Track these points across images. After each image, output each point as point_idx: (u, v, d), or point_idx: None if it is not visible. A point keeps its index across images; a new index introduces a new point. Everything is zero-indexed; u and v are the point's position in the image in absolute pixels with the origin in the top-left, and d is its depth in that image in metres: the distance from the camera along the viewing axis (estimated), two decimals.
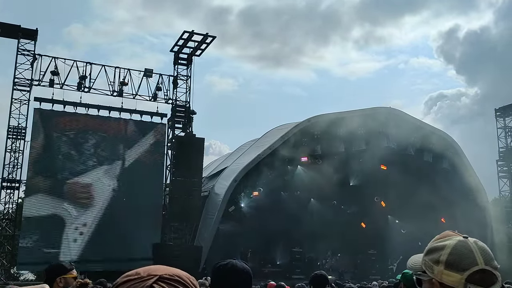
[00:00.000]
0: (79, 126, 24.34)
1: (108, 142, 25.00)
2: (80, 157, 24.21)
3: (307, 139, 28.18)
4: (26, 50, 23.65)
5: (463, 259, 1.49)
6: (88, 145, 24.49)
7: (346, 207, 31.14)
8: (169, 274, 1.21)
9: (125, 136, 25.37)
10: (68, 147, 24.09)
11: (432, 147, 30.57)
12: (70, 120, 24.23)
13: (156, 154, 25.51)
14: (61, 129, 23.94)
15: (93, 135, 24.61)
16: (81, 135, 24.40)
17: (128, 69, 25.17)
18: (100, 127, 24.84)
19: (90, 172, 24.24)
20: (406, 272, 5.29)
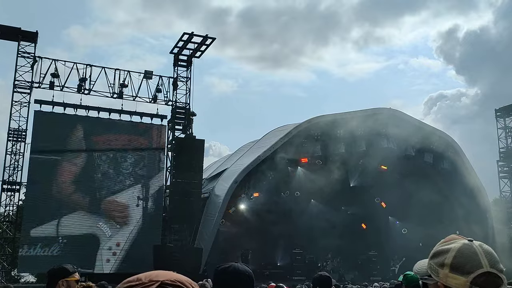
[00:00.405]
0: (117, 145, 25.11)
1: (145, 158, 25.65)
2: (117, 176, 24.73)
3: (307, 140, 28.18)
4: (26, 53, 23.67)
5: (468, 262, 1.48)
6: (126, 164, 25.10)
7: (347, 208, 31.13)
8: (171, 280, 1.20)
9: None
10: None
11: (432, 148, 30.57)
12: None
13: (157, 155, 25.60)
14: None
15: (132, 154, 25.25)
16: (120, 153, 25.07)
17: (128, 71, 25.20)
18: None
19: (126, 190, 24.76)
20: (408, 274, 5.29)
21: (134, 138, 25.38)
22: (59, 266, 3.81)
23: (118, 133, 25.10)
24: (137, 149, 25.34)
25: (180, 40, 25.52)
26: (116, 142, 25.01)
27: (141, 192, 24.98)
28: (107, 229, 23.67)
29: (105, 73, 24.68)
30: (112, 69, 25.04)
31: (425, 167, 30.22)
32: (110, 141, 24.88)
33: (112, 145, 24.92)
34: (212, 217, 24.75)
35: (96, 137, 24.55)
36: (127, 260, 23.32)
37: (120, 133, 25.11)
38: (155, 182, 25.33)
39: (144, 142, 25.53)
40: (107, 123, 24.95)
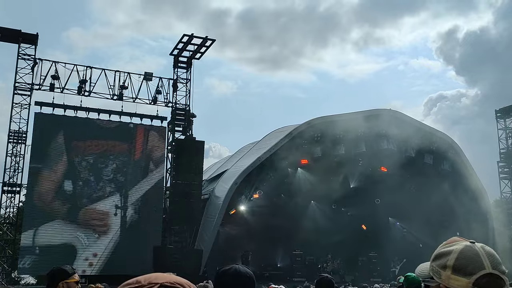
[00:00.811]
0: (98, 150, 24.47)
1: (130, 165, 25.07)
2: (97, 183, 24.18)
3: (307, 142, 28.16)
4: (27, 55, 23.70)
5: (470, 263, 1.48)
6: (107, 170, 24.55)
7: (347, 209, 31.15)
8: (170, 282, 1.20)
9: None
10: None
11: (432, 149, 30.56)
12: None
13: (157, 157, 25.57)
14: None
15: (114, 160, 24.65)
16: (102, 159, 24.43)
17: (128, 73, 25.22)
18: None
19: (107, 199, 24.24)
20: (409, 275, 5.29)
21: (117, 144, 24.74)
22: (59, 268, 3.82)
23: (100, 138, 24.50)
24: (120, 154, 24.72)
25: (180, 41, 25.53)
26: (97, 147, 24.36)
27: (119, 201, 24.30)
28: (84, 238, 23.07)
29: (105, 75, 24.73)
30: (112, 71, 25.07)
31: (425, 168, 30.20)
32: (91, 146, 24.28)
33: (93, 150, 24.28)
34: (212, 218, 24.74)
35: (77, 142, 23.97)
36: (105, 270, 22.72)
37: (102, 138, 24.52)
38: (137, 190, 24.68)
39: (129, 147, 24.94)
40: (89, 127, 24.28)
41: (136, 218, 24.43)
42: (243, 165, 26.75)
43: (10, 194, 23.12)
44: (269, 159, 26.40)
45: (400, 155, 29.24)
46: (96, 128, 24.51)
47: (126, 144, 24.95)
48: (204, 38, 25.36)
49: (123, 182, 24.63)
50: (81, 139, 24.05)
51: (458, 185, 29.63)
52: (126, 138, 25.03)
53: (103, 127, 24.60)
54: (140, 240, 23.70)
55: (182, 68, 26.54)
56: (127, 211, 24.35)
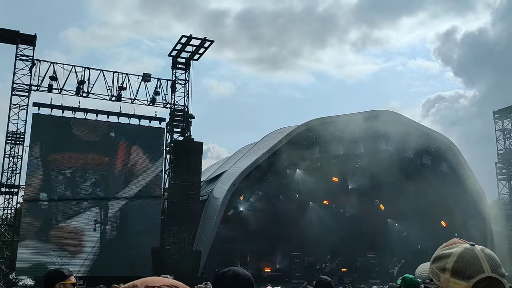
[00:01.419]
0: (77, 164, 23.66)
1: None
2: (73, 198, 23.31)
3: (306, 143, 28.18)
4: (25, 56, 23.67)
5: (469, 266, 1.46)
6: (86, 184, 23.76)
7: (345, 210, 31.13)
8: (167, 285, 1.20)
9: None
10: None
11: (430, 150, 30.59)
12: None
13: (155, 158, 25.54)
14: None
15: (93, 173, 23.92)
16: (80, 173, 23.64)
17: (126, 74, 25.20)
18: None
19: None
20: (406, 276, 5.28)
21: (97, 157, 24.05)
22: (56, 270, 3.82)
23: (79, 152, 23.81)
24: (99, 168, 24.00)
25: (178, 42, 25.53)
26: (76, 161, 23.66)
27: (99, 215, 23.56)
28: (57, 258, 22.08)
29: (103, 76, 24.71)
30: (111, 72, 25.05)
31: (423, 169, 30.24)
32: (70, 159, 23.54)
33: (72, 164, 23.49)
34: (210, 219, 24.72)
35: (54, 155, 23.26)
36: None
37: (81, 151, 23.85)
38: (115, 204, 24.01)
39: (110, 161, 24.31)
40: (69, 140, 23.60)
41: (115, 234, 23.65)
42: (241, 166, 26.74)
43: (8, 196, 23.08)
44: (267, 160, 26.39)
45: (399, 156, 29.28)
46: (76, 141, 23.82)
47: (107, 158, 24.31)
48: (202, 39, 25.36)
49: (102, 196, 23.85)
50: (59, 152, 23.37)
51: (456, 186, 29.66)
52: (107, 152, 24.38)
53: (83, 141, 23.91)
54: (119, 255, 22.95)
55: (181, 69, 26.53)
56: (106, 225, 23.59)
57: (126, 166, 24.78)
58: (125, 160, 24.82)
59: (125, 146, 24.93)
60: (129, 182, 24.62)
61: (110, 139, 24.70)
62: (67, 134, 23.72)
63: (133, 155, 24.98)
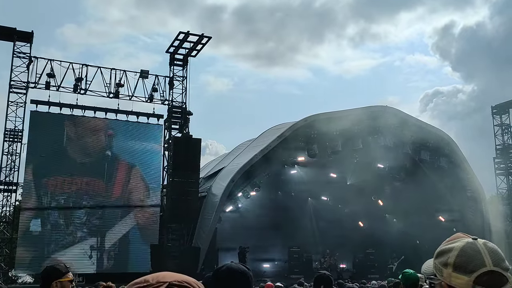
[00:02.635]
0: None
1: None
2: (67, 227, 22.47)
3: (304, 139, 28.18)
4: (22, 53, 23.60)
5: (471, 261, 1.47)
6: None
7: (344, 206, 31.19)
8: (178, 281, 1.21)
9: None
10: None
11: (429, 145, 30.63)
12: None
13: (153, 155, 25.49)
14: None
15: (88, 200, 22.98)
16: (74, 199, 22.77)
17: (124, 71, 25.14)
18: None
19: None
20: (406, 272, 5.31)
21: (93, 181, 23.25)
22: (52, 267, 3.77)
23: (74, 175, 22.99)
24: (95, 193, 23.20)
25: (175, 39, 25.48)
26: (70, 185, 22.81)
27: (95, 243, 22.78)
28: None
29: (101, 72, 24.64)
30: (108, 68, 25.01)
31: (421, 165, 30.29)
32: (64, 184, 22.72)
33: (66, 189, 22.67)
34: (209, 216, 24.74)
35: (47, 179, 22.50)
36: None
37: (75, 175, 23.03)
38: (113, 234, 23.21)
39: (105, 187, 23.54)
40: (62, 162, 22.77)
41: (112, 264, 22.95)
42: (240, 162, 26.76)
43: (7, 193, 23.07)
44: (266, 156, 26.40)
45: (397, 151, 29.31)
46: (71, 163, 23.07)
47: (103, 182, 23.60)
48: (200, 35, 25.31)
49: (98, 225, 23.13)
50: (52, 175, 22.67)
51: (454, 181, 29.73)
52: (104, 174, 23.62)
53: (78, 162, 23.15)
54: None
55: (178, 66, 26.49)
56: (103, 254, 22.93)
57: (125, 192, 24.03)
58: (123, 185, 24.02)
59: (125, 167, 24.25)
60: (127, 214, 23.81)
61: (107, 158, 23.92)
62: (61, 153, 22.98)
63: (132, 179, 24.25)
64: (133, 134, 25.00)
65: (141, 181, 24.67)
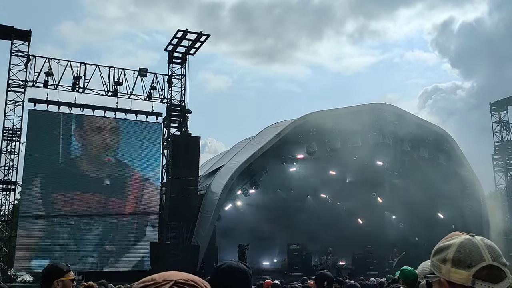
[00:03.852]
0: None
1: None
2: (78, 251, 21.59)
3: (303, 136, 28.19)
4: (20, 51, 23.58)
5: (470, 256, 1.48)
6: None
7: (343, 204, 31.22)
8: (184, 279, 1.23)
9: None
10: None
11: (428, 142, 30.66)
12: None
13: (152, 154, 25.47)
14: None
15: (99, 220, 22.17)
16: (85, 220, 21.82)
17: (122, 69, 25.13)
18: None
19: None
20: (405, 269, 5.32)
21: (105, 199, 22.53)
22: (53, 266, 3.74)
23: (84, 191, 22.27)
24: (107, 212, 22.47)
25: (174, 37, 25.46)
26: (81, 202, 22.09)
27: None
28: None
29: (99, 71, 24.62)
30: (107, 67, 24.99)
31: (420, 162, 30.30)
32: (73, 202, 21.97)
33: (75, 207, 21.89)
34: (208, 214, 24.76)
35: (55, 195, 21.85)
36: None
37: (86, 191, 22.36)
38: (129, 257, 22.42)
39: (119, 204, 23.00)
40: (71, 176, 22.03)
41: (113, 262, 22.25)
42: (239, 160, 26.76)
43: (5, 192, 23.07)
44: (265, 154, 26.40)
45: (396, 148, 29.35)
46: (80, 177, 22.35)
47: (116, 199, 23.07)
48: (198, 33, 25.28)
49: (110, 250, 22.49)
50: (61, 191, 21.97)
51: (453, 178, 29.75)
52: (117, 191, 23.02)
53: (87, 177, 22.52)
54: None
55: (177, 64, 26.47)
56: (103, 253, 22.26)
57: (138, 208, 23.48)
58: (137, 200, 23.40)
59: (139, 182, 23.82)
60: (141, 237, 23.14)
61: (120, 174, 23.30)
62: (70, 170, 22.16)
63: (145, 194, 23.77)
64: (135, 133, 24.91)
65: (156, 194, 24.32)
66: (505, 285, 1.48)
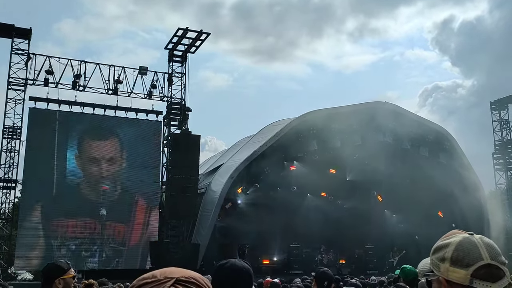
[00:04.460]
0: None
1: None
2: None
3: (303, 135, 28.20)
4: (20, 50, 23.57)
5: (468, 254, 1.48)
6: None
7: (343, 202, 31.19)
8: (185, 276, 1.23)
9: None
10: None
11: (428, 141, 30.66)
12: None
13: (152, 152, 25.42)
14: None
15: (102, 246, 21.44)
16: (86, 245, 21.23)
17: (122, 67, 25.11)
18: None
19: None
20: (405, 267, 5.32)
21: (108, 225, 22.11)
22: (54, 265, 3.69)
23: (86, 216, 21.94)
24: (110, 238, 21.86)
25: (174, 35, 25.44)
26: (81, 229, 21.70)
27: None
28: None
29: (99, 69, 24.62)
30: (107, 65, 24.97)
31: (420, 160, 30.30)
32: (74, 227, 21.59)
33: (77, 233, 21.40)
34: (208, 212, 24.78)
35: (56, 221, 21.46)
36: None
37: (88, 216, 21.99)
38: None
39: (124, 229, 22.59)
40: (71, 200, 21.54)
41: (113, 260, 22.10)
42: (239, 159, 26.77)
43: (6, 190, 23.07)
44: (265, 152, 26.42)
45: (396, 147, 29.34)
46: (81, 200, 21.97)
47: (120, 225, 22.69)
48: (199, 32, 25.27)
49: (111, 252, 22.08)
50: (61, 217, 21.64)
51: (453, 177, 29.77)
52: (121, 217, 22.73)
53: (89, 200, 22.17)
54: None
55: (177, 62, 26.46)
56: (103, 251, 22.03)
57: (144, 235, 23.10)
58: (142, 228, 23.08)
59: (144, 208, 23.57)
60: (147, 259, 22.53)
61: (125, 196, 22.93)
62: (70, 193, 21.78)
63: (152, 221, 23.47)
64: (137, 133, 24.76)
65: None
66: (503, 283, 1.47)
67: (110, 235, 22.61)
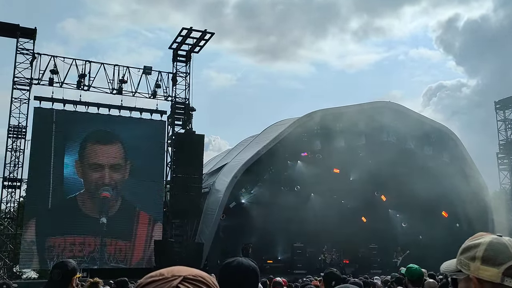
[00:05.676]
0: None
1: None
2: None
3: (307, 134, 28.19)
4: (25, 49, 23.66)
5: (499, 254, 1.55)
6: None
7: (347, 202, 31.16)
8: (193, 274, 1.24)
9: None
10: None
11: (432, 141, 30.59)
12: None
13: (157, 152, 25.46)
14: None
15: None
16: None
17: (127, 67, 25.18)
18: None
19: None
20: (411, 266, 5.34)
21: (109, 241, 21.82)
22: (71, 264, 3.85)
23: (85, 233, 21.46)
24: (112, 256, 21.52)
25: (178, 35, 25.49)
26: (79, 247, 21.36)
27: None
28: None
29: (104, 69, 24.70)
30: (111, 65, 25.04)
31: (424, 160, 30.25)
32: (73, 245, 21.25)
33: (75, 251, 21.05)
34: (212, 211, 24.82)
35: (54, 238, 21.12)
36: None
37: (88, 233, 21.54)
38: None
39: (123, 246, 22.20)
40: (70, 215, 21.18)
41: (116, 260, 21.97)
42: (243, 158, 26.79)
43: (11, 189, 23.17)
44: (269, 152, 26.43)
45: (400, 147, 29.29)
46: (79, 216, 21.65)
47: (122, 242, 22.42)
48: (203, 31, 25.30)
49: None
50: (58, 234, 21.39)
51: (457, 176, 29.67)
52: (122, 233, 22.44)
53: (89, 216, 21.92)
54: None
55: (181, 62, 26.50)
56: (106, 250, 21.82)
57: (146, 252, 22.91)
58: (145, 245, 22.95)
59: (147, 219, 23.52)
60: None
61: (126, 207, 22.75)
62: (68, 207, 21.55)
63: (155, 236, 23.18)
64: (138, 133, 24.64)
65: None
66: None
67: (111, 253, 22.43)
